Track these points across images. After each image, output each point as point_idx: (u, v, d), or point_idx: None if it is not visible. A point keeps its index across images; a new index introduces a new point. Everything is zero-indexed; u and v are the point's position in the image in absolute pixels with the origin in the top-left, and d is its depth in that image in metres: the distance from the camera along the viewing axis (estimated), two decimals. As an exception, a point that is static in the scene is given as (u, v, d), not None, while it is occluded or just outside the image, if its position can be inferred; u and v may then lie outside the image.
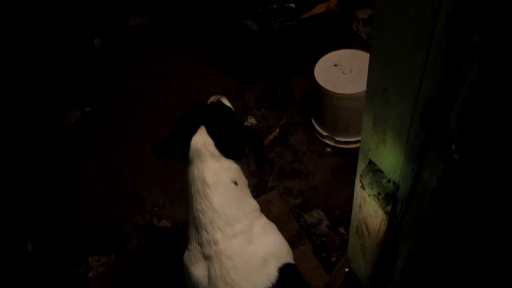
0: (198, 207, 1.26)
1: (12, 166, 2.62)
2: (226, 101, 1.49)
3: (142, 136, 2.67)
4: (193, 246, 1.29)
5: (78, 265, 2.17)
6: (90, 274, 2.14)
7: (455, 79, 0.49)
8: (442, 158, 0.59)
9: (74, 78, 3.09)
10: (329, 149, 2.46)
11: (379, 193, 0.78)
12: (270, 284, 1.21)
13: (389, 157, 0.72)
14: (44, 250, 2.23)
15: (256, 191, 2.32)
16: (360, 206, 0.92)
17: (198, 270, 1.26)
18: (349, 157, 2.39)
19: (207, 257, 1.24)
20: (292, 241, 2.08)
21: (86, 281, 2.11)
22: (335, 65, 2.31)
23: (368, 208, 0.88)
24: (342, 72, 2.26)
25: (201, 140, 1.28)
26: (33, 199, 2.46)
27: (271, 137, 2.57)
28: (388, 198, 0.77)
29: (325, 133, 2.43)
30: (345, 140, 2.38)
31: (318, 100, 2.35)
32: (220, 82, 2.93)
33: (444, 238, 0.77)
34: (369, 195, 0.83)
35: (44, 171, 2.59)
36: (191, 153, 1.29)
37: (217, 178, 1.26)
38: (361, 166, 0.86)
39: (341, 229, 2.13)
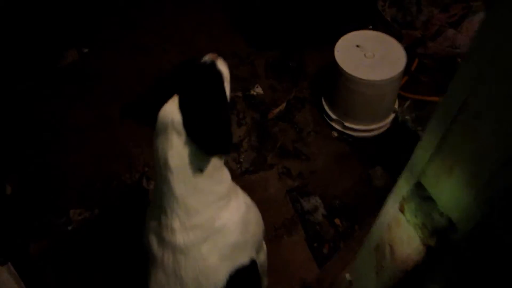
0: (160, 187, 1.15)
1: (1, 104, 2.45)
2: (221, 65, 1.23)
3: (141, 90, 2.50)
4: (154, 215, 1.21)
5: (58, 217, 2.06)
6: (69, 228, 2.03)
7: None
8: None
9: (72, 14, 2.87)
10: (335, 133, 2.33)
11: (424, 224, 0.67)
12: None
13: (451, 191, 0.60)
14: (24, 196, 2.11)
15: (254, 166, 2.21)
16: (389, 226, 0.81)
17: (155, 246, 1.21)
18: (355, 145, 2.28)
19: (163, 241, 1.18)
20: (286, 225, 1.99)
21: (64, 235, 2.00)
22: (357, 46, 2.15)
23: (401, 233, 0.76)
24: (364, 55, 2.11)
25: (170, 114, 1.08)
26: (19, 142, 2.32)
27: (276, 110, 2.43)
28: (435, 233, 0.66)
29: (334, 116, 2.30)
30: (354, 127, 2.26)
31: (333, 80, 2.21)
32: (231, 44, 2.76)
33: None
34: (408, 221, 0.71)
35: (33, 113, 2.44)
36: (158, 126, 1.11)
37: (180, 162, 1.09)
38: (403, 186, 0.73)
39: (337, 220, 2.04)
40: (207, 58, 1.24)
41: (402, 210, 0.72)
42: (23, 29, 2.70)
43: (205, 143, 1.10)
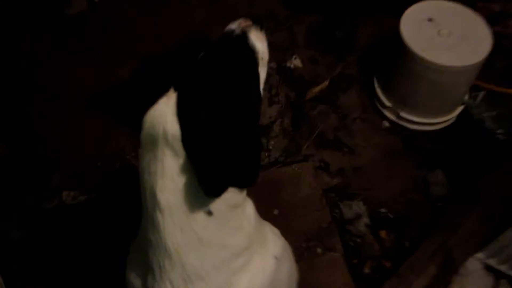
0: (147, 231, 0.77)
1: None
2: (256, 38, 0.82)
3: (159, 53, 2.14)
4: (137, 266, 0.85)
5: (49, 199, 1.78)
6: (60, 212, 1.75)
7: None
8: None
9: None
10: (386, 124, 1.97)
11: None
12: None
13: None
14: (11, 173, 1.84)
15: (285, 156, 1.88)
16: None
17: None
18: (409, 141, 1.92)
19: None
20: (320, 235, 1.66)
21: (52, 220, 1.73)
22: (430, 20, 1.75)
23: None
24: (437, 32, 1.71)
25: (161, 120, 0.70)
26: (13, 108, 2.03)
27: (317, 89, 2.06)
28: None
29: (387, 103, 1.92)
30: (411, 118, 1.89)
31: (393, 59, 1.83)
32: (266, 2, 2.36)
33: None
34: None
35: (32, 73, 2.13)
36: (143, 136, 0.74)
37: (176, 199, 0.72)
38: None
39: (382, 233, 1.71)
40: (234, 26, 0.83)
41: None
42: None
43: (215, 172, 0.69)
